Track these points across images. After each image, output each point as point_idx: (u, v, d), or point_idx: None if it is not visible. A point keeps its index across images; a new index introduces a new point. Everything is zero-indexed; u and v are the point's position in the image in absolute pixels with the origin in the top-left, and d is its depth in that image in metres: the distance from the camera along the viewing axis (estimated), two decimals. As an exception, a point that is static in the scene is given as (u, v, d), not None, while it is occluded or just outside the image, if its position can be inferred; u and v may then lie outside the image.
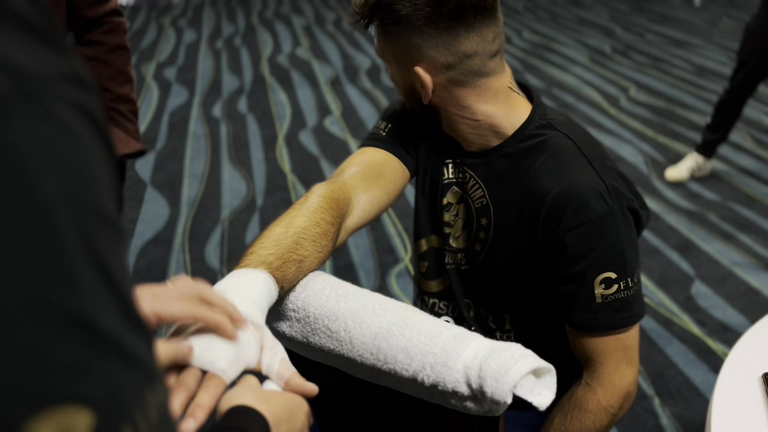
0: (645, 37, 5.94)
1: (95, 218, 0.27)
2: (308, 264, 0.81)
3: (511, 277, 0.99)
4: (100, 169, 0.28)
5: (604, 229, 0.88)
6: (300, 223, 0.83)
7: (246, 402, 0.58)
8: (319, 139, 3.75)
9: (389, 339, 0.71)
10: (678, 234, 2.72)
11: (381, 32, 0.94)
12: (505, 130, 0.96)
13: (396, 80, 1.00)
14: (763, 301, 2.27)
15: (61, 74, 0.27)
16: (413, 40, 0.90)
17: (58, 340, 0.24)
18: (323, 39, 6.06)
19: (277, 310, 0.81)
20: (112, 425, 0.26)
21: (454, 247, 1.06)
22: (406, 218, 2.84)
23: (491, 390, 0.65)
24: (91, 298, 0.26)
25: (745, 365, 0.99)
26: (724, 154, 3.47)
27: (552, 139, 0.94)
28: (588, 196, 0.88)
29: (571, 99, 4.35)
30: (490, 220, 0.99)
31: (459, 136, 1.00)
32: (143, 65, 5.21)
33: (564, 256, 0.90)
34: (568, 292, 0.93)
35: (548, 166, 0.92)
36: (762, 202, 2.97)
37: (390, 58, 0.96)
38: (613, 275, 0.90)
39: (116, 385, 0.26)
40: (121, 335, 0.27)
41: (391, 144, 1.05)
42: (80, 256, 0.25)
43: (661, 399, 1.88)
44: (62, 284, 0.25)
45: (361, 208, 0.95)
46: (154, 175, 3.31)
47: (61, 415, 0.24)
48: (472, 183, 1.01)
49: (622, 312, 0.92)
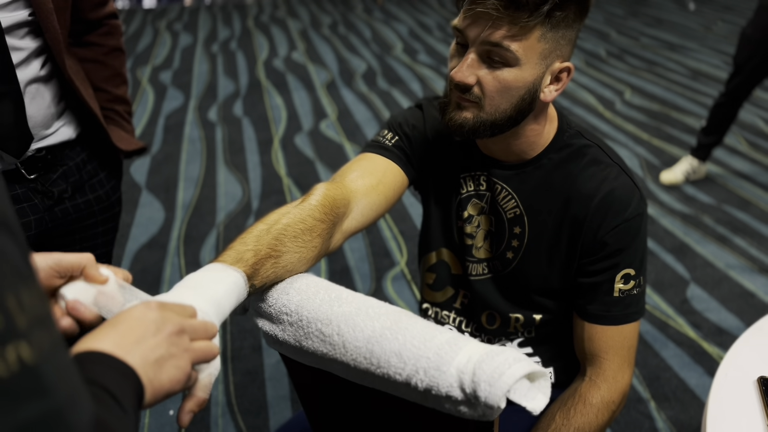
0: (640, 41, 5.96)
1: None
2: (286, 260, 0.80)
3: (545, 280, 1.03)
4: None
5: (637, 228, 0.96)
6: (285, 220, 0.82)
7: (104, 348, 0.51)
8: (314, 142, 3.74)
9: (382, 343, 0.70)
10: (673, 237, 2.72)
11: (546, 27, 0.86)
12: (546, 141, 1.00)
13: (517, 83, 0.89)
14: (758, 304, 2.28)
15: None
16: (567, 34, 0.89)
17: None
18: (319, 43, 6.07)
19: (270, 313, 0.81)
20: None
21: (476, 258, 1.07)
22: (402, 222, 2.83)
23: (485, 395, 0.65)
24: None
25: (740, 368, 0.99)
26: (719, 157, 3.48)
27: (584, 149, 0.99)
28: (628, 200, 0.95)
29: (567, 103, 4.36)
30: (524, 229, 1.02)
31: (505, 147, 1.00)
32: (139, 69, 5.21)
33: (601, 252, 0.96)
34: (591, 284, 0.98)
35: (588, 173, 0.97)
36: (756, 205, 2.98)
37: (534, 54, 0.87)
38: (632, 272, 0.97)
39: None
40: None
41: (396, 154, 1.06)
42: None
43: (657, 402, 1.88)
44: None
45: (359, 212, 0.96)
46: (149, 178, 3.31)
47: None
48: (504, 194, 1.03)
49: (633, 307, 0.98)
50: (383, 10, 7.68)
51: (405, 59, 5.39)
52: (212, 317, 0.68)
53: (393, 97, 4.49)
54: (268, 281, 0.79)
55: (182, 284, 0.71)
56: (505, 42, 0.85)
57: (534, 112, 0.95)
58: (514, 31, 0.84)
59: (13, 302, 0.29)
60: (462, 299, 1.12)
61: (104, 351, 0.50)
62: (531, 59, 0.87)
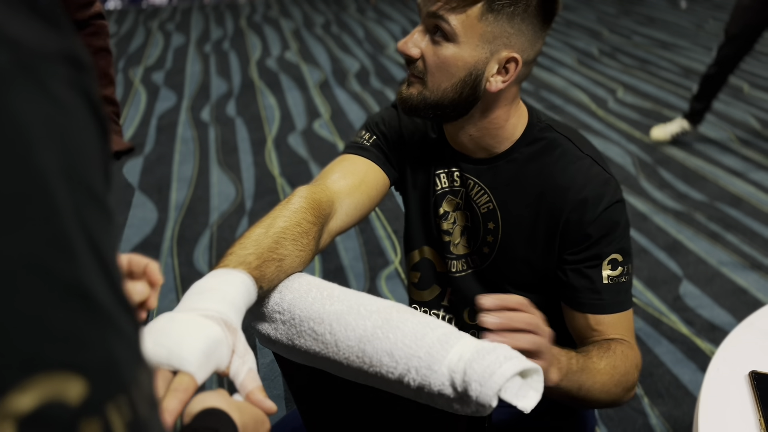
0: (632, 40, 5.98)
1: (87, 196, 0.27)
2: (289, 263, 0.81)
3: (522, 274, 1.03)
4: (94, 149, 0.28)
5: (617, 215, 0.96)
6: (280, 223, 0.84)
7: (217, 405, 0.57)
8: (308, 142, 3.74)
9: (374, 342, 0.70)
10: (666, 234, 2.73)
11: (486, 7, 0.87)
12: (514, 135, 1.00)
13: (456, 61, 0.90)
14: (750, 300, 2.29)
15: (59, 53, 0.27)
16: (520, 26, 0.89)
17: (54, 307, 0.24)
18: (312, 42, 6.06)
19: (263, 312, 0.81)
20: (106, 395, 0.26)
21: (455, 254, 1.08)
22: (396, 221, 2.84)
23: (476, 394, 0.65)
24: (86, 268, 0.26)
25: (731, 363, 0.99)
26: (711, 154, 3.49)
27: (556, 141, 0.99)
28: (604, 189, 0.95)
29: (560, 101, 4.37)
30: (498, 224, 1.02)
31: (471, 142, 1.00)
32: (131, 69, 5.19)
33: (584, 243, 0.96)
34: (579, 273, 0.97)
35: (561, 166, 0.97)
36: (748, 202, 2.99)
37: (474, 34, 0.89)
38: (619, 257, 0.97)
39: (111, 356, 0.26)
40: (113, 310, 0.27)
41: (374, 153, 1.07)
42: (74, 228, 0.26)
43: (650, 398, 1.88)
44: (59, 252, 0.25)
45: (344, 212, 0.97)
46: (142, 179, 3.30)
47: (52, 382, 0.24)
48: (477, 189, 1.03)
49: (623, 295, 0.98)
50: (376, 9, 7.68)
51: (398, 59, 5.39)
52: (232, 319, 0.68)
53: (386, 96, 4.49)
54: (274, 285, 0.80)
55: (192, 292, 0.70)
56: (444, 13, 0.88)
57: (485, 102, 0.95)
58: (453, 3, 0.87)
59: (136, 390, 0.27)
60: (449, 297, 1.12)
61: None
62: (470, 39, 0.89)
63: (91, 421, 0.25)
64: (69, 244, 0.25)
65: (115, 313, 0.27)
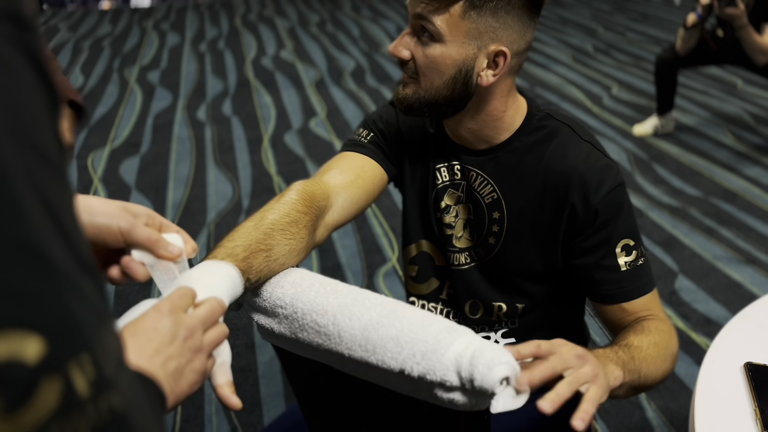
0: (626, 36, 5.99)
1: (37, 156, 0.26)
2: (278, 251, 0.82)
3: (528, 263, 1.04)
4: (40, 110, 0.27)
5: (621, 198, 0.97)
6: (271, 216, 0.85)
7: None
8: (304, 140, 3.75)
9: (379, 330, 0.71)
10: (661, 230, 2.75)
11: (468, 4, 0.89)
12: (513, 125, 1.01)
13: (444, 59, 0.92)
14: (745, 294, 2.30)
15: (0, 11, 0.27)
16: (505, 19, 0.90)
17: (4, 265, 0.24)
18: (307, 41, 6.06)
19: (265, 307, 0.82)
20: (67, 354, 0.25)
21: (458, 248, 1.09)
22: (393, 218, 2.85)
23: (481, 377, 0.66)
24: (39, 228, 0.25)
25: (727, 355, 1.00)
26: (706, 150, 3.51)
27: (556, 129, 1.01)
28: (606, 173, 0.96)
29: (555, 98, 4.38)
30: (503, 212, 1.03)
31: (470, 134, 1.02)
32: (126, 69, 5.18)
33: (592, 226, 0.96)
34: (594, 264, 0.98)
35: (561, 152, 0.99)
36: (743, 197, 3.01)
37: (459, 32, 0.90)
38: (631, 242, 0.97)
39: (69, 315, 0.26)
40: (71, 269, 0.27)
41: (372, 150, 1.08)
42: (24, 188, 0.25)
43: (646, 392, 1.90)
44: (7, 211, 0.24)
45: (340, 206, 0.99)
46: (138, 178, 3.30)
47: (7, 341, 0.23)
48: (480, 180, 1.04)
49: (644, 278, 0.99)
50: (371, 7, 7.69)
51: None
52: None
53: (382, 94, 4.49)
54: (263, 276, 0.80)
55: (176, 284, 0.71)
56: (427, 14, 0.90)
57: (479, 96, 0.96)
58: (435, 5, 0.89)
59: (101, 350, 0.27)
60: (448, 290, 1.13)
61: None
62: (456, 37, 0.91)
63: (52, 379, 0.24)
64: (17, 203, 0.25)
65: (72, 272, 0.27)
